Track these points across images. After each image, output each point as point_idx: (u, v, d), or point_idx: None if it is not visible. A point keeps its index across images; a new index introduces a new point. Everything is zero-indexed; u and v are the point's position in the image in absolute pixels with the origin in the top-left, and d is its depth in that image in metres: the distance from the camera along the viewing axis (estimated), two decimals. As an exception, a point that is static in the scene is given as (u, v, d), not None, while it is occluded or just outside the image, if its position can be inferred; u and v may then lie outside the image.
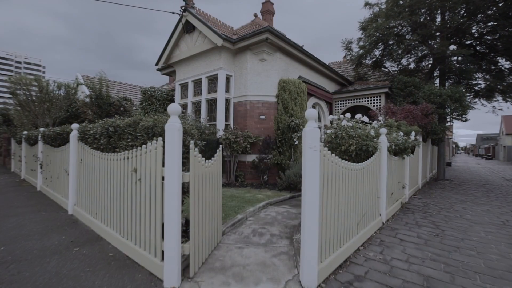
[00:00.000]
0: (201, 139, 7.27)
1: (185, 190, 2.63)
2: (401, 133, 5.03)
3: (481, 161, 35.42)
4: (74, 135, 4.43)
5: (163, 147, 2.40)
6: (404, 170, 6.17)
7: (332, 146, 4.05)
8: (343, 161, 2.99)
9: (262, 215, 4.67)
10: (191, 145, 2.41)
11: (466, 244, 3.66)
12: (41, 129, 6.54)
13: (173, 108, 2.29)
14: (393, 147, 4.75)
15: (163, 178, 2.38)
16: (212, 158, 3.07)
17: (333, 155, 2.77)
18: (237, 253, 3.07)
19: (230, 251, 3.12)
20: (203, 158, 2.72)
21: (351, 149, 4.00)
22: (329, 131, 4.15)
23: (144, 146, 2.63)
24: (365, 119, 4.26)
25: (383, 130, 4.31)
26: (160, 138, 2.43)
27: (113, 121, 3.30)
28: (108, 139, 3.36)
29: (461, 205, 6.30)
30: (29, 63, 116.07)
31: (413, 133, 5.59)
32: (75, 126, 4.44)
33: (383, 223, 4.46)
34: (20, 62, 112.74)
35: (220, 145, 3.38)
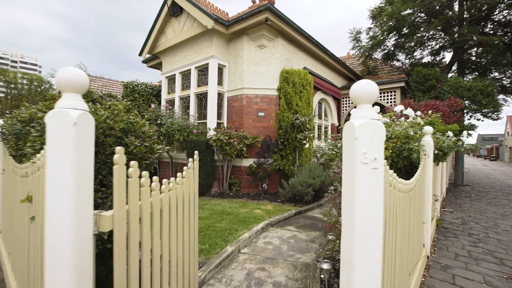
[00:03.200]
0: (187, 141, 6.09)
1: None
2: (450, 133, 3.82)
3: (485, 162, 34.50)
4: (-4, 135, 3.17)
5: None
6: (437, 179, 4.96)
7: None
8: (400, 179, 1.78)
9: (260, 244, 3.44)
10: (116, 156, 1.17)
11: None
12: (-13, 127, 5.27)
13: (66, 76, 1.04)
14: (436, 151, 3.55)
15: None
16: (181, 173, 1.84)
17: (391, 171, 1.55)
18: (220, 331, 1.84)
19: (208, 326, 1.89)
20: (156, 177, 1.50)
21: (385, 154, 2.82)
22: None
23: (38, 155, 1.40)
24: (410, 112, 3.03)
25: (428, 129, 3.09)
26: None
27: (24, 112, 2.07)
28: (16, 141, 2.12)
29: (505, 221, 5.14)
30: (25, 63, 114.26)
31: (465, 132, 4.38)
32: (-1, 122, 3.18)
33: (428, 257, 3.24)
34: (16, 62, 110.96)
35: (196, 152, 2.16)
